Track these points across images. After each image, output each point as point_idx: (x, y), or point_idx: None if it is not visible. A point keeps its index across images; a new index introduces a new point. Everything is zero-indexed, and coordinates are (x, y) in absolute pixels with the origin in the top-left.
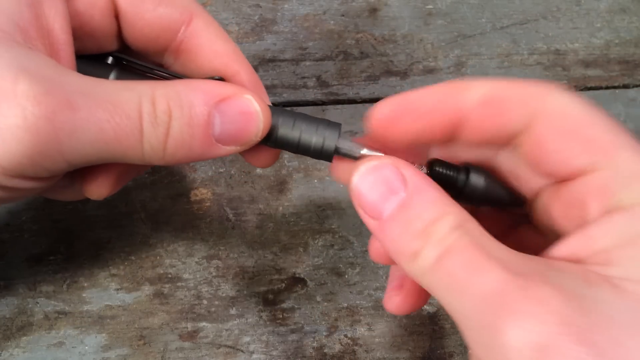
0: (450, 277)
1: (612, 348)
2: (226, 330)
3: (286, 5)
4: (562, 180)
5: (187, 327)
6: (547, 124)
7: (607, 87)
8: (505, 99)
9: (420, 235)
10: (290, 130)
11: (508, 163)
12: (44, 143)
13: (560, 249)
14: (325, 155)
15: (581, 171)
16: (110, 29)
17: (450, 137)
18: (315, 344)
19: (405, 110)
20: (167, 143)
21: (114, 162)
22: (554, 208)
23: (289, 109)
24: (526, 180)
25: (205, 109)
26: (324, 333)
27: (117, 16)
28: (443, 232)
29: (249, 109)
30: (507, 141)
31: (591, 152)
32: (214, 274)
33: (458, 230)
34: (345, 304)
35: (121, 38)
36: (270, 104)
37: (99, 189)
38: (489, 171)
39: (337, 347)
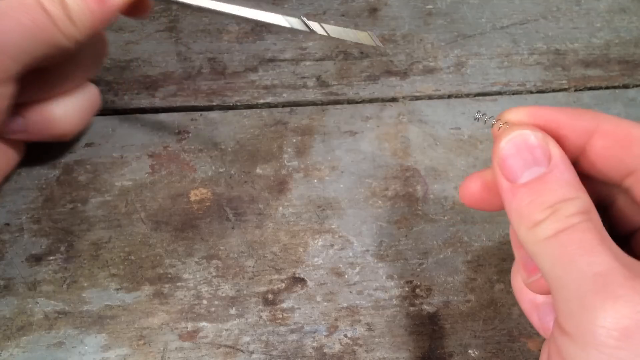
0: (564, 250)
1: None
2: (226, 330)
3: (286, 5)
4: None
5: (187, 327)
6: (607, 140)
7: (607, 87)
8: (632, 135)
9: (548, 208)
10: None
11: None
12: None
13: None
14: None
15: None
16: None
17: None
18: (315, 344)
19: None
20: (71, 13)
21: (52, 50)
22: None
23: (289, 109)
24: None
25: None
26: (324, 333)
27: None
28: (570, 211)
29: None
30: (623, 177)
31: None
32: (213, 273)
33: (584, 214)
34: (345, 304)
35: None
36: None
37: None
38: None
39: (337, 347)
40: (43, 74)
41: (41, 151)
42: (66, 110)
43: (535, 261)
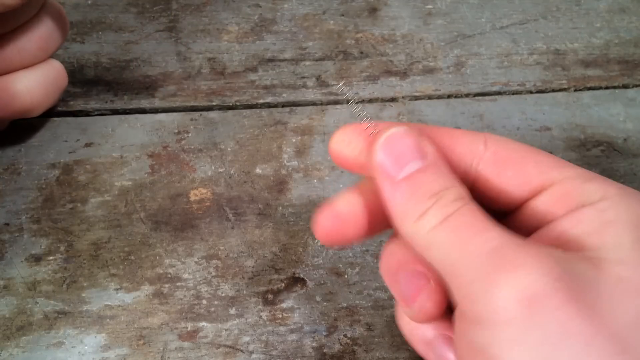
0: (454, 234)
1: (600, 310)
2: (226, 330)
3: (286, 5)
4: (526, 200)
5: (187, 327)
6: (496, 157)
7: (606, 87)
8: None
9: (433, 197)
10: None
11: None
12: None
13: (536, 240)
14: None
15: (541, 188)
16: None
17: None
18: (314, 344)
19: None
20: None
21: None
22: (529, 223)
23: (288, 109)
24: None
25: None
26: (324, 333)
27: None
28: (452, 197)
29: None
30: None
31: (544, 171)
32: (213, 273)
33: (465, 199)
34: (345, 304)
35: None
36: None
37: None
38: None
39: (337, 347)
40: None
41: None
42: (28, 84)
43: (427, 257)
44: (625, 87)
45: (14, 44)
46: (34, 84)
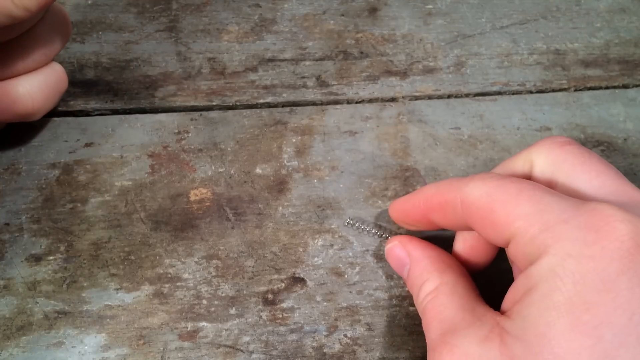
0: (426, 320)
1: None
2: (226, 330)
3: (286, 5)
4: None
5: (187, 327)
6: (471, 214)
7: (607, 87)
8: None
9: (418, 291)
10: None
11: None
12: None
13: (506, 298)
14: None
15: (508, 240)
16: None
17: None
18: (315, 344)
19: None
20: None
21: (5, 20)
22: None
23: (288, 109)
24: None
25: None
26: (324, 333)
27: None
28: (429, 289)
29: None
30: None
31: (510, 222)
32: (213, 273)
33: (436, 289)
34: (345, 304)
35: None
36: None
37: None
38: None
39: (337, 347)
40: (1, 51)
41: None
42: (30, 88)
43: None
44: (625, 87)
45: (18, 49)
46: (36, 88)
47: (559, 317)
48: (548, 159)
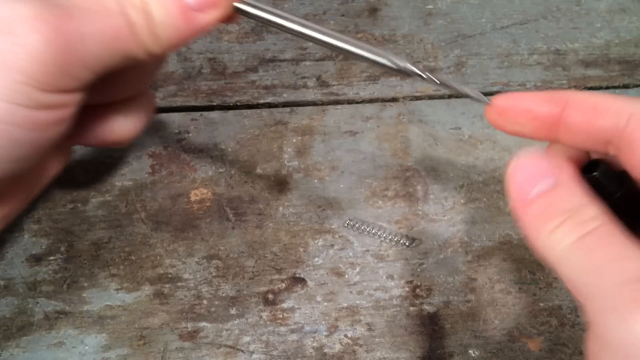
0: (591, 257)
1: None
2: (226, 330)
3: (286, 5)
4: None
5: (187, 327)
6: (632, 138)
7: (607, 87)
8: (599, 105)
9: (564, 214)
10: None
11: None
12: (62, 52)
13: None
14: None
15: None
16: None
17: (553, 137)
18: (315, 344)
19: (516, 107)
20: (155, 27)
21: (126, 61)
22: None
23: (289, 109)
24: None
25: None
26: (324, 333)
27: None
28: (587, 216)
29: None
30: (603, 145)
31: None
32: (214, 274)
33: (602, 218)
34: (345, 304)
35: None
36: None
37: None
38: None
39: (337, 347)
40: (107, 80)
41: None
42: (125, 117)
43: (560, 272)
44: (625, 87)
45: (124, 79)
46: (131, 117)
47: None
48: None
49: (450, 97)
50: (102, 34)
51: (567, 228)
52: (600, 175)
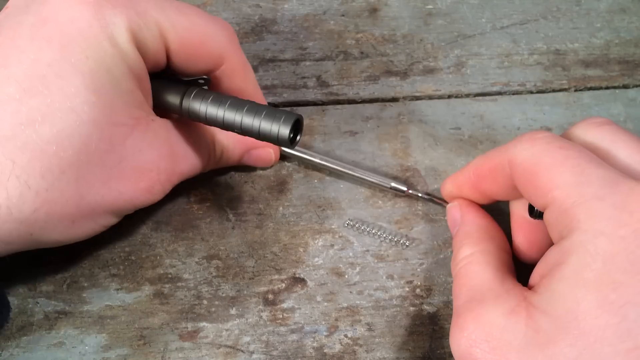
0: (457, 283)
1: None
2: (226, 330)
3: (286, 5)
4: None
5: (187, 327)
6: (517, 176)
7: (607, 87)
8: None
9: (456, 253)
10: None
11: None
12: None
13: (535, 270)
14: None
15: (543, 208)
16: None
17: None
18: (315, 344)
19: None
20: (223, 157)
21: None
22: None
23: (289, 109)
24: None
25: (242, 152)
26: (324, 333)
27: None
28: (465, 253)
29: (267, 158)
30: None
31: (548, 190)
32: (214, 274)
33: (472, 255)
34: (345, 304)
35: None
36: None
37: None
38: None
39: (337, 347)
40: None
41: None
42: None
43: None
44: (625, 87)
45: None
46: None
47: (587, 294)
48: (587, 137)
49: (450, 97)
50: (192, 167)
51: (455, 262)
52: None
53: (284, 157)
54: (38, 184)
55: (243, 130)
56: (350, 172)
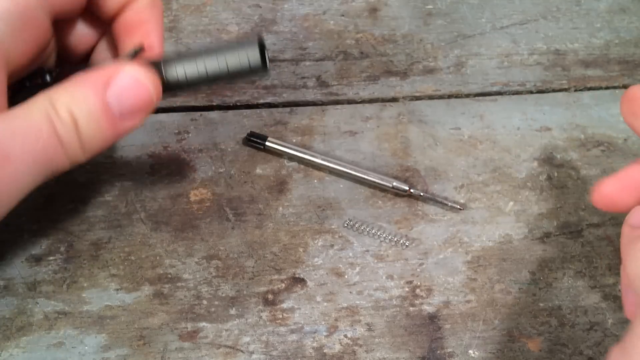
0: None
1: None
2: (226, 330)
3: (286, 5)
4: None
5: (187, 327)
6: None
7: (607, 87)
8: None
9: None
10: (197, 67)
11: None
12: None
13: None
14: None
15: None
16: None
17: None
18: (315, 344)
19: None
20: (84, 141)
21: (52, 174)
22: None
23: (288, 109)
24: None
25: (98, 97)
26: (324, 333)
27: None
28: None
29: (134, 80)
30: None
31: None
32: (213, 274)
33: None
34: (345, 304)
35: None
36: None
37: None
38: None
39: (337, 347)
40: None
41: None
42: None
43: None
44: (625, 87)
45: None
46: None
47: None
48: None
49: (450, 97)
50: (33, 158)
51: None
52: None
53: (279, 155)
54: None
55: (210, 76)
56: (352, 172)
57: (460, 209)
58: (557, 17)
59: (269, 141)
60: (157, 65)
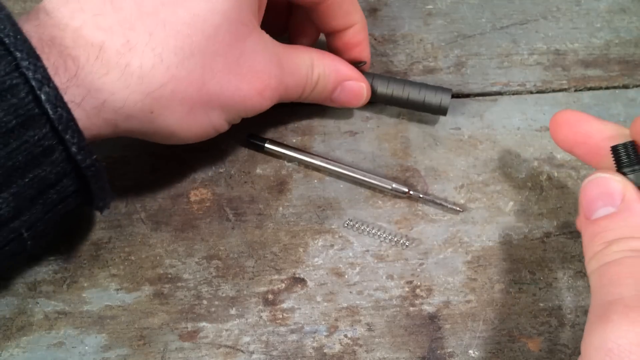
0: (596, 280)
1: None
2: (226, 330)
3: None
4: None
5: (187, 327)
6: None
7: (607, 87)
8: None
9: (614, 239)
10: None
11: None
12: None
13: None
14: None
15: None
16: None
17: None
18: (315, 344)
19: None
20: (313, 91)
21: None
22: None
23: (289, 109)
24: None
25: (336, 82)
26: (324, 333)
27: None
28: (621, 247)
29: (359, 92)
30: None
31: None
32: (214, 274)
33: (626, 252)
34: (345, 304)
35: None
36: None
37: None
38: None
39: (337, 347)
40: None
41: None
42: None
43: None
44: (625, 87)
45: None
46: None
47: None
48: None
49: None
50: (286, 90)
51: (597, 257)
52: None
53: (279, 156)
54: (170, 59)
55: (409, 102)
56: (352, 174)
57: (460, 211)
58: (557, 17)
59: (268, 144)
60: (369, 76)
